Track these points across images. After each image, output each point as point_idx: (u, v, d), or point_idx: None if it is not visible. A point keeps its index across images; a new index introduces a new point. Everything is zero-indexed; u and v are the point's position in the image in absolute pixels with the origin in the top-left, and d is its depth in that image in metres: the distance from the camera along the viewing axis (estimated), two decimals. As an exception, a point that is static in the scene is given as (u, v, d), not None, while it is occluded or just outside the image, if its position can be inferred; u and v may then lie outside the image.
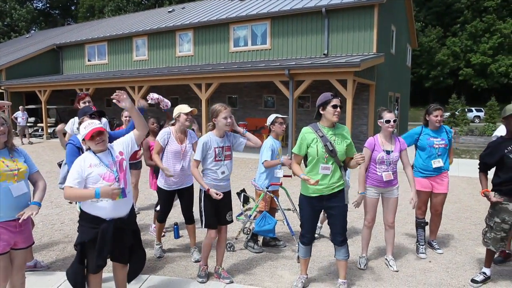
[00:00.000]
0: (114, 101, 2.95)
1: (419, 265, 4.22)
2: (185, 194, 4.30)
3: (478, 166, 3.88)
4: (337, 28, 13.74)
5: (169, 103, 4.88)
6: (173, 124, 4.29)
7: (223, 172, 3.66)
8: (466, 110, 23.75)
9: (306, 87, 11.63)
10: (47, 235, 5.17)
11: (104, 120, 4.28)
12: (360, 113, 14.18)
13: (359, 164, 3.36)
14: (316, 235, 4.88)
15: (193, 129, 4.58)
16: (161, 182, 4.27)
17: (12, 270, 2.91)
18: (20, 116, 16.28)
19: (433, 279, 3.88)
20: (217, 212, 3.73)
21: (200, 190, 3.71)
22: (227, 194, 3.79)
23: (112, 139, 3.92)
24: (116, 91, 2.96)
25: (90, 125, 2.87)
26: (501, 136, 3.78)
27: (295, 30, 14.57)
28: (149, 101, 4.77)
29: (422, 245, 4.51)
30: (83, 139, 2.90)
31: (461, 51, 41.88)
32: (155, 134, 5.06)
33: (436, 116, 4.33)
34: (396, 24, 16.40)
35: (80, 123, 3.59)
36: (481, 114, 33.32)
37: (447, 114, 21.48)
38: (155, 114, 5.98)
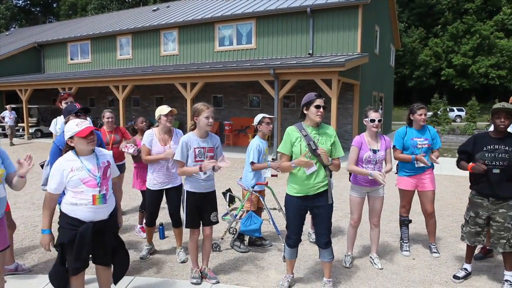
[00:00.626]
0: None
1: (403, 263, 4.29)
2: (172, 194, 4.22)
3: (457, 158, 3.87)
4: (322, 28, 13.84)
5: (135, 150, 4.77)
6: (157, 126, 4.25)
7: (205, 173, 3.57)
8: (448, 109, 24.20)
9: (291, 87, 11.68)
10: (28, 238, 5.07)
11: (88, 119, 4.23)
12: (344, 112, 14.32)
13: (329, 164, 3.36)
14: (311, 240, 4.87)
15: None
16: (148, 182, 4.23)
17: None
18: (8, 115, 15.68)
19: (416, 276, 3.94)
20: (201, 212, 3.71)
21: (184, 190, 3.69)
22: (211, 195, 3.76)
23: (99, 138, 3.90)
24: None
25: (84, 123, 2.81)
26: (488, 131, 3.77)
27: (280, 30, 14.61)
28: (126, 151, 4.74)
29: (406, 242, 4.57)
30: (71, 137, 2.80)
31: (443, 52, 42.68)
32: (143, 133, 5.00)
33: (420, 115, 4.35)
34: (380, 25, 16.61)
35: (66, 122, 3.56)
36: (462, 113, 34.03)
37: (430, 113, 21.88)
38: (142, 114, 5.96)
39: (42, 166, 4.39)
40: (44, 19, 53.32)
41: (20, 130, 19.09)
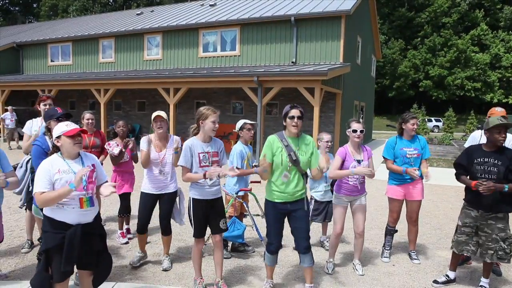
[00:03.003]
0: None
1: (384, 269, 4.37)
2: (165, 201, 4.13)
3: (455, 172, 3.91)
4: (306, 37, 14.04)
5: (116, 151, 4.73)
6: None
7: (210, 179, 3.50)
8: (426, 120, 24.82)
9: (275, 95, 11.79)
10: (5, 243, 4.93)
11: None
12: (327, 121, 14.52)
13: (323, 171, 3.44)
14: (327, 248, 4.85)
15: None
16: (143, 186, 4.17)
17: None
18: (9, 117, 14.90)
19: (396, 282, 4.03)
20: (209, 220, 3.65)
21: (190, 198, 3.63)
22: (218, 201, 3.69)
23: None
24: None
25: (72, 124, 2.82)
26: (481, 144, 3.83)
27: (264, 38, 14.75)
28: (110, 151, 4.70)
29: (388, 250, 4.65)
30: (58, 136, 2.78)
31: (421, 64, 43.85)
32: (122, 137, 4.94)
33: (413, 124, 4.36)
34: (362, 35, 16.97)
35: (47, 127, 3.49)
36: (440, 124, 34.97)
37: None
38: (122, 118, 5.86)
39: (14, 168, 4.30)
40: (23, 19, 52.20)
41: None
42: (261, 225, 5.51)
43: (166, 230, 4.20)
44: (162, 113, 4.04)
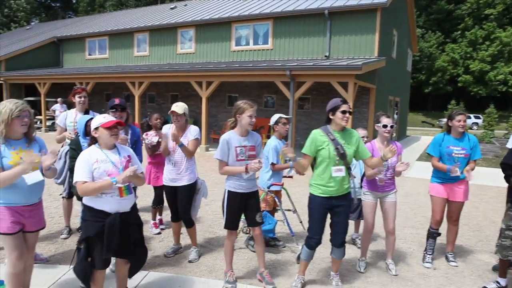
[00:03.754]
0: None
1: (418, 270, 4.23)
2: (181, 194, 4.12)
3: (505, 173, 3.71)
4: (339, 30, 13.76)
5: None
6: None
7: (247, 173, 3.48)
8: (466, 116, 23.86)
9: (307, 89, 11.64)
10: (46, 228, 5.12)
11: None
12: (360, 116, 14.22)
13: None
14: (359, 246, 4.75)
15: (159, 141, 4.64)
16: (164, 178, 4.24)
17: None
18: (59, 109, 15.55)
19: (432, 284, 3.89)
20: (246, 214, 3.68)
21: (225, 190, 3.66)
22: (254, 195, 3.68)
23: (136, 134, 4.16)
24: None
25: (110, 116, 2.93)
26: None
27: (297, 31, 14.57)
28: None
29: (430, 254, 4.40)
30: (96, 128, 2.88)
31: (461, 58, 42.07)
32: (157, 129, 5.04)
33: (459, 121, 4.14)
34: (398, 29, 16.45)
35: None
36: (479, 121, 33.52)
37: (444, 120, 21.60)
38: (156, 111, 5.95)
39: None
40: (63, 14, 54.13)
41: (38, 122, 19.41)
42: (292, 220, 5.47)
43: (187, 223, 4.20)
44: (177, 108, 3.99)
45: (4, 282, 3.20)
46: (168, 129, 4.15)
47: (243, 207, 3.65)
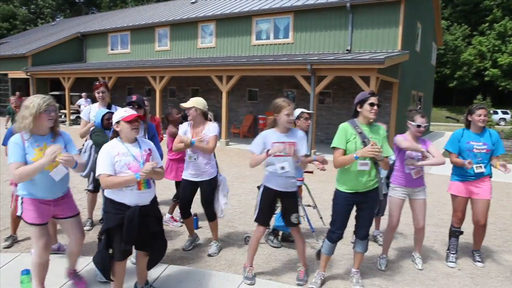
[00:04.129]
0: None
1: (442, 269, 4.13)
2: (204, 188, 4.15)
3: None
4: (362, 24, 13.50)
5: None
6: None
7: (282, 168, 3.46)
8: (491, 112, 23.13)
9: (328, 83, 11.50)
10: (69, 220, 5.25)
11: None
12: (382, 111, 13.95)
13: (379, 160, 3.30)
14: (380, 243, 4.70)
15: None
16: (183, 173, 4.26)
17: (69, 239, 3.28)
18: (83, 103, 15.91)
19: (456, 285, 3.78)
20: (282, 213, 3.69)
21: (261, 185, 3.68)
22: (290, 195, 3.61)
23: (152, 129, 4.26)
24: None
25: (131, 110, 2.97)
26: None
27: (318, 25, 14.38)
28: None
29: (453, 253, 4.28)
30: (117, 122, 2.93)
31: (488, 51, 40.69)
32: (176, 124, 5.05)
33: (479, 115, 3.99)
34: (422, 21, 16.02)
35: None
36: (507, 116, 32.46)
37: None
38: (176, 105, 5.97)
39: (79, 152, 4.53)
40: (87, 10, 55.13)
41: (62, 116, 19.87)
42: (312, 216, 5.43)
43: (210, 216, 4.23)
44: (188, 104, 4.00)
45: (30, 271, 3.29)
46: (186, 126, 4.14)
47: (273, 205, 3.65)
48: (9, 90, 22.48)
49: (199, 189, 4.24)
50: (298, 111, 4.53)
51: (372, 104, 3.32)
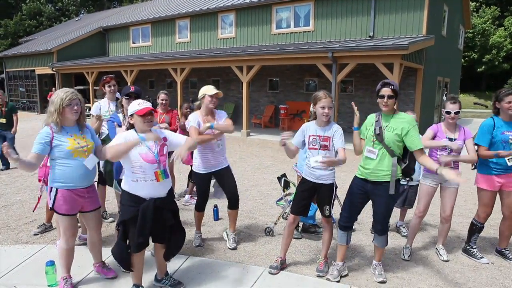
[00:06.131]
0: None
1: (468, 261, 3.99)
2: (224, 176, 4.09)
3: None
4: (385, 9, 13.09)
5: None
6: (198, 108, 4.10)
7: (316, 161, 3.44)
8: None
9: (350, 71, 11.25)
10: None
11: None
12: (406, 98, 13.58)
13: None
14: (403, 234, 4.65)
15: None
16: (195, 166, 4.12)
17: (89, 230, 3.37)
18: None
19: (483, 277, 3.65)
20: (317, 204, 3.70)
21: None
22: (324, 187, 3.55)
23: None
24: None
25: (145, 103, 2.99)
26: None
27: (339, 11, 14.05)
28: None
29: (475, 248, 4.10)
30: (131, 114, 2.97)
31: (520, 33, 38.86)
32: (187, 117, 5.06)
33: (509, 102, 3.72)
34: (449, 3, 15.40)
35: (120, 103, 3.78)
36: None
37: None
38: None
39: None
40: (109, 4, 55.86)
41: (87, 110, 20.30)
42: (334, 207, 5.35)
43: (234, 204, 4.14)
44: (220, 92, 4.02)
45: (54, 262, 3.38)
46: (196, 115, 4.03)
47: (310, 196, 3.62)
48: (37, 85, 23.14)
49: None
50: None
51: (381, 96, 3.28)
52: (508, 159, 3.75)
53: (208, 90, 3.98)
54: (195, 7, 18.77)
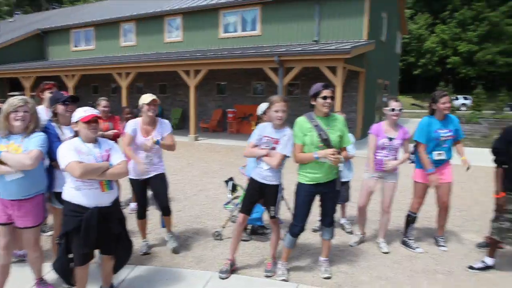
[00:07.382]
0: None
1: (406, 252, 4.26)
2: (155, 182, 4.03)
3: (497, 158, 3.73)
4: (328, 14, 13.61)
5: None
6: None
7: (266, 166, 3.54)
8: (453, 98, 23.97)
9: (296, 74, 11.57)
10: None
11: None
12: (349, 100, 14.17)
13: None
14: (347, 231, 4.84)
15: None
16: (130, 173, 4.00)
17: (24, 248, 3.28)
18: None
19: (419, 265, 3.92)
20: (264, 204, 3.75)
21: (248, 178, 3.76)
22: (271, 188, 3.62)
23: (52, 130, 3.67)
24: None
25: (90, 110, 2.90)
26: None
27: (286, 16, 14.40)
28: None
29: (412, 239, 4.38)
30: (76, 122, 2.86)
31: (450, 39, 41.98)
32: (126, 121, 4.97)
33: (444, 103, 4.05)
34: (387, 11, 16.32)
35: (53, 112, 3.42)
36: (468, 102, 33.75)
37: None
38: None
39: None
40: (47, 5, 52.97)
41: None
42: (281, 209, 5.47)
43: (166, 210, 4.12)
44: (157, 98, 3.99)
45: None
46: (135, 123, 3.98)
47: (258, 196, 3.67)
48: (-34, 91, 21.40)
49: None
50: (264, 106, 4.50)
51: (324, 98, 3.35)
52: (434, 154, 4.14)
53: (145, 99, 3.93)
54: (140, 10, 18.35)
